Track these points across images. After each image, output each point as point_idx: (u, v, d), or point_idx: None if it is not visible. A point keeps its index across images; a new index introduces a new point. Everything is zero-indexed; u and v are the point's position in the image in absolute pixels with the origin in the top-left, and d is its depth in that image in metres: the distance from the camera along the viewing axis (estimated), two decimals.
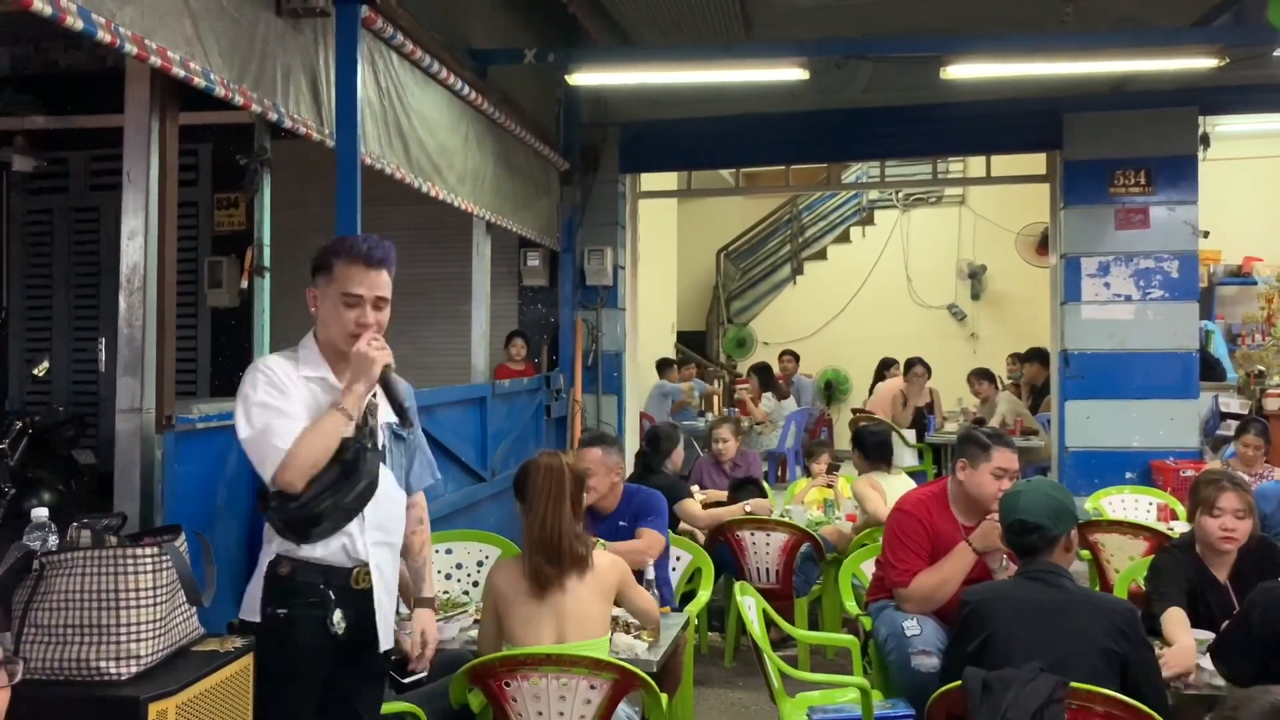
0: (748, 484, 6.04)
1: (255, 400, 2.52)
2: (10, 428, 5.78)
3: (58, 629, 2.14)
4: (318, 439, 2.49)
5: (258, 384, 2.54)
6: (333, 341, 2.65)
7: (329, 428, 2.52)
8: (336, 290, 2.60)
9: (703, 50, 7.23)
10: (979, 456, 3.83)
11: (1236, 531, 3.51)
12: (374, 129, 4.83)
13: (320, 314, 2.66)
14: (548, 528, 3.17)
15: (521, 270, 8.39)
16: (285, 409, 2.52)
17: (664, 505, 4.45)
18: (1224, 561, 3.58)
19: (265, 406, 2.51)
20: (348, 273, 2.59)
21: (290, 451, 2.45)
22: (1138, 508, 6.18)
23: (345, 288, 2.59)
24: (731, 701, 4.99)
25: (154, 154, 3.57)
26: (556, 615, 3.14)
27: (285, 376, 2.58)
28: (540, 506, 3.21)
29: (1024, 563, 3.17)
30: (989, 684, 2.72)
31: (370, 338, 2.60)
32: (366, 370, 2.57)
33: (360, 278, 2.59)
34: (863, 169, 13.19)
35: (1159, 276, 7.85)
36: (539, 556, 3.16)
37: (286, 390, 2.55)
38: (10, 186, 8.25)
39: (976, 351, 13.24)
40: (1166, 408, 7.82)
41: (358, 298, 2.59)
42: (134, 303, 3.56)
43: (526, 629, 3.14)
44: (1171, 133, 7.81)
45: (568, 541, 3.18)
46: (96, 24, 2.94)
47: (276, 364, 2.61)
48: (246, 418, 2.51)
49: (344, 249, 2.62)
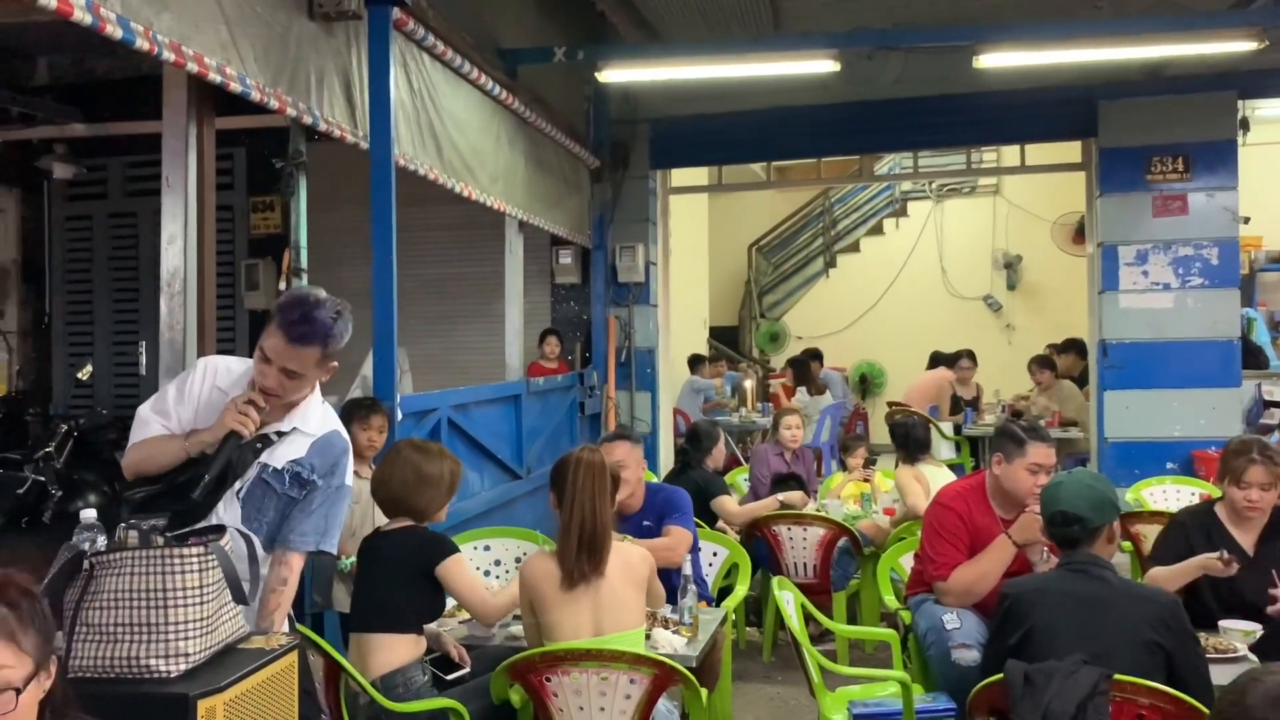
0: (789, 480, 6.02)
1: (170, 391, 2.74)
2: (55, 431, 5.88)
3: (108, 627, 2.17)
4: (151, 451, 2.67)
5: (183, 380, 2.77)
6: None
7: (164, 447, 2.67)
8: (264, 344, 2.65)
9: (732, 44, 7.22)
10: (1014, 452, 3.80)
11: (1261, 502, 3.57)
12: (407, 130, 4.86)
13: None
14: (589, 522, 3.17)
15: (554, 268, 8.42)
16: (173, 412, 2.70)
17: (688, 502, 4.44)
18: (1250, 526, 3.61)
19: (162, 401, 2.72)
20: (271, 334, 2.64)
21: (130, 446, 2.69)
22: (1179, 498, 6.10)
23: (263, 345, 2.65)
24: (770, 696, 4.99)
25: (191, 159, 3.63)
26: (593, 606, 3.14)
27: (204, 383, 2.73)
28: (582, 500, 3.20)
29: (1065, 555, 3.14)
30: (1031, 677, 2.70)
31: (248, 401, 2.62)
32: (220, 424, 2.63)
33: (278, 345, 2.62)
34: (895, 160, 13.12)
35: (1198, 264, 7.75)
36: (580, 550, 3.15)
37: (193, 399, 2.71)
38: (51, 194, 8.40)
39: (1012, 343, 13.12)
40: (1208, 397, 7.73)
41: (267, 360, 2.64)
42: (174, 306, 3.63)
43: (563, 622, 3.14)
44: (1210, 117, 7.70)
45: (607, 536, 3.19)
46: (135, 32, 2.99)
47: (212, 366, 2.79)
48: (156, 397, 2.75)
49: (279, 316, 2.65)
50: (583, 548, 3.15)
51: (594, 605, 3.14)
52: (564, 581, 3.15)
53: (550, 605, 3.16)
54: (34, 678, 1.71)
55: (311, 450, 2.74)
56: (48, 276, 8.49)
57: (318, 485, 2.74)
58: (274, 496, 2.71)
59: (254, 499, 2.69)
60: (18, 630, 1.69)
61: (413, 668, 3.19)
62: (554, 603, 3.16)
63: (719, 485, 5.77)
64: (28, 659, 1.69)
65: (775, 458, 6.27)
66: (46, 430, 5.92)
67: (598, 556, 3.15)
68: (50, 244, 8.47)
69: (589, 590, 3.14)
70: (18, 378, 8.24)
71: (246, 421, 2.59)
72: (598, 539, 3.16)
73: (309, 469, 2.72)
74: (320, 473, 2.74)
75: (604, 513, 3.21)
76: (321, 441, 2.76)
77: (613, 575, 3.17)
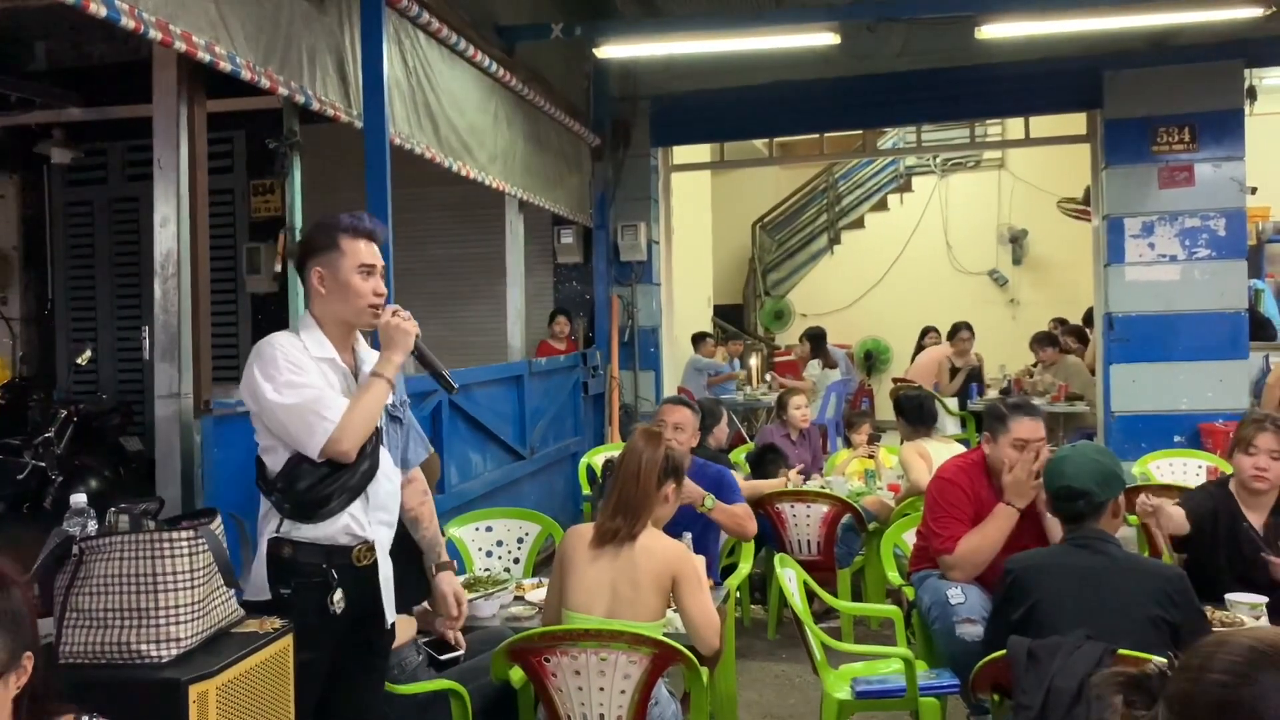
0: (767, 452, 5.98)
1: (283, 373, 2.52)
2: (56, 416, 5.88)
3: (98, 613, 2.16)
4: (370, 407, 2.57)
5: (277, 360, 2.53)
6: (342, 318, 2.66)
7: (377, 395, 2.59)
8: (349, 265, 2.62)
9: (732, 18, 7.14)
10: (999, 429, 3.76)
11: (1269, 472, 3.50)
12: (402, 109, 4.82)
13: (328, 292, 2.65)
14: (630, 484, 3.18)
15: (556, 248, 8.38)
16: (317, 383, 2.55)
17: (734, 479, 4.52)
18: (1260, 503, 3.55)
19: (293, 382, 2.51)
20: (355, 246, 2.63)
21: (343, 422, 2.50)
22: (1186, 471, 6.06)
23: (361, 260, 2.63)
24: (775, 674, 4.98)
25: (184, 141, 3.59)
26: (612, 590, 3.12)
27: (301, 354, 2.59)
28: (631, 463, 3.22)
29: (1069, 529, 3.10)
30: (1034, 652, 2.68)
31: (394, 309, 2.66)
32: (402, 341, 2.65)
33: (368, 250, 2.65)
34: (899, 135, 13.01)
35: (1205, 235, 7.68)
36: (618, 510, 3.16)
37: (305, 368, 2.56)
38: (51, 179, 8.38)
39: (1017, 317, 13.06)
40: (1215, 369, 7.67)
41: (372, 267, 2.64)
42: (169, 289, 3.60)
43: (582, 582, 3.14)
44: (1216, 87, 7.60)
45: (646, 501, 3.17)
46: (120, 10, 2.95)
47: (289, 342, 2.61)
48: (275, 389, 2.50)
49: (350, 225, 2.66)
50: (621, 507, 3.16)
51: (613, 572, 3.12)
52: (594, 540, 3.15)
53: (576, 565, 3.17)
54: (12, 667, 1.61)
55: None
56: (49, 262, 8.48)
57: (404, 403, 2.89)
58: (397, 425, 2.82)
59: (389, 436, 2.77)
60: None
61: (406, 649, 3.18)
62: (580, 563, 3.16)
63: (722, 462, 5.75)
64: (3, 653, 1.58)
65: (781, 439, 6.23)
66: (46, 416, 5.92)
67: (634, 518, 3.14)
68: (51, 229, 8.46)
69: (615, 558, 3.12)
70: (21, 364, 8.25)
71: (414, 324, 2.69)
72: (635, 501, 3.16)
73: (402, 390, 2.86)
74: (399, 396, 2.84)
75: (648, 481, 3.20)
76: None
77: (636, 562, 3.13)
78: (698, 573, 3.19)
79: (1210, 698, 1.21)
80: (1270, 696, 1.17)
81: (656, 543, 3.17)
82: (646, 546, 3.14)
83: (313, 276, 2.64)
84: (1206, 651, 1.25)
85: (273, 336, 2.64)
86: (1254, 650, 1.22)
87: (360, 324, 2.69)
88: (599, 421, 8.16)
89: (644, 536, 3.15)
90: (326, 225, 2.68)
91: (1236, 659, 1.21)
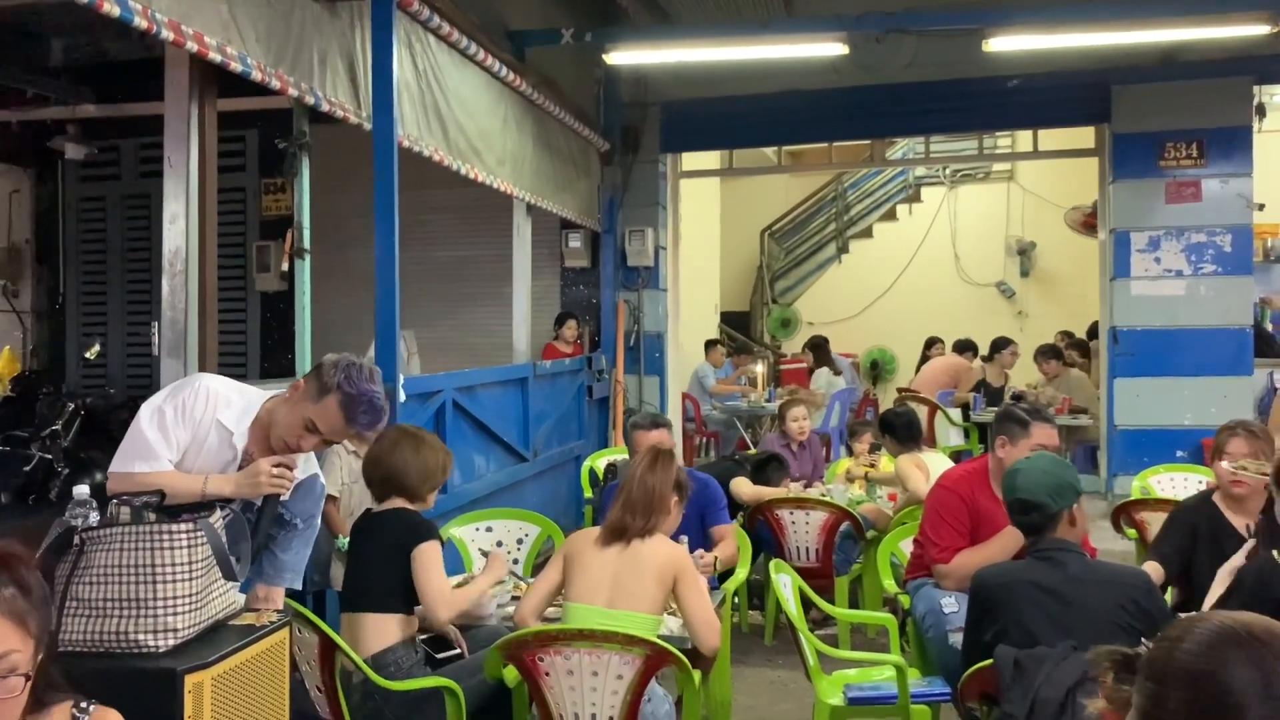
0: (770, 461, 6.02)
1: (169, 413, 2.63)
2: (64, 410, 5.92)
3: (97, 602, 2.20)
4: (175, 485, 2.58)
5: (182, 405, 2.64)
6: (266, 428, 2.71)
7: (179, 485, 2.59)
8: (316, 417, 2.65)
9: (742, 26, 7.18)
10: (1018, 434, 3.79)
11: (1245, 477, 3.57)
12: (412, 112, 4.86)
13: (283, 408, 2.70)
14: (638, 487, 3.32)
15: (563, 252, 8.41)
16: (171, 433, 2.62)
17: (722, 493, 4.57)
18: (1246, 507, 3.59)
19: (166, 426, 2.61)
20: (329, 415, 2.65)
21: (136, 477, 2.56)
22: (1187, 485, 6.05)
23: (313, 418, 2.65)
24: (771, 680, 4.99)
25: (194, 139, 3.64)
26: (615, 580, 3.21)
27: (205, 411, 2.66)
28: (644, 465, 3.38)
29: (1030, 541, 3.12)
30: (1020, 662, 2.69)
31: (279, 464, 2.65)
32: (251, 489, 2.65)
33: (338, 427, 2.68)
34: (908, 145, 13.03)
35: (1211, 251, 7.68)
36: (626, 509, 3.29)
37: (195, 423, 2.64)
38: (65, 175, 8.45)
39: (1024, 330, 13.04)
40: (1219, 385, 7.66)
41: (314, 431, 2.67)
42: (176, 286, 3.65)
43: (584, 576, 3.25)
44: (1224, 103, 7.61)
45: (655, 503, 3.30)
46: (133, 10, 2.99)
47: (213, 394, 2.69)
48: (156, 415, 2.63)
49: (347, 410, 2.65)
50: (630, 506, 3.29)
51: (618, 565, 3.23)
52: (602, 537, 3.29)
53: (580, 560, 3.29)
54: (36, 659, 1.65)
55: (295, 494, 2.79)
56: (61, 257, 8.55)
57: (297, 527, 2.83)
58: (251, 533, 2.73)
59: (234, 529, 2.66)
60: (27, 613, 1.61)
61: (403, 647, 3.21)
62: (585, 559, 3.28)
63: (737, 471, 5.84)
64: (32, 642, 1.63)
65: (782, 449, 6.25)
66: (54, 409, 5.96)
67: (644, 518, 3.27)
68: (64, 224, 8.53)
69: (621, 552, 3.24)
70: (32, 357, 8.31)
71: (284, 484, 2.66)
72: (642, 501, 3.30)
73: (289, 512, 2.80)
74: (301, 516, 2.82)
75: (658, 487, 3.34)
76: (305, 485, 2.81)
77: (646, 549, 3.25)
78: (699, 575, 3.35)
79: (1181, 666, 1.33)
80: (1235, 671, 1.29)
81: (662, 543, 3.30)
82: (653, 544, 3.28)
83: (292, 385, 2.72)
84: (1184, 625, 1.38)
85: (211, 384, 2.72)
86: (1225, 628, 1.34)
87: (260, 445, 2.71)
88: (603, 425, 8.20)
89: (651, 537, 3.28)
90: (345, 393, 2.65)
91: (1208, 635, 1.34)
